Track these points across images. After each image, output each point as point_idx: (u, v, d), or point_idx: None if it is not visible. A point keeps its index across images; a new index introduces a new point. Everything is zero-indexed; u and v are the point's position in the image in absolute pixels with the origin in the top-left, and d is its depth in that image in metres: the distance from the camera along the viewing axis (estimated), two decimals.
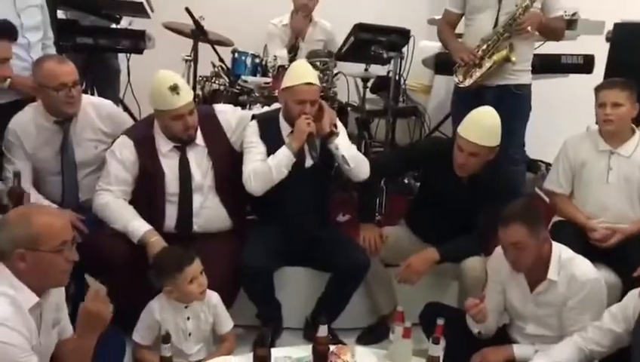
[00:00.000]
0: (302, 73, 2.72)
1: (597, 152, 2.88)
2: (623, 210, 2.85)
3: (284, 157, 2.65)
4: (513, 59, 3.11)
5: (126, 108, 4.33)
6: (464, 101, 3.26)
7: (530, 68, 3.32)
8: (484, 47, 3.16)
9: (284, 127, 2.78)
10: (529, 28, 3.07)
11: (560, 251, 2.34)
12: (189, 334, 2.35)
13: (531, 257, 2.27)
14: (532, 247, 2.25)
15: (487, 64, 3.15)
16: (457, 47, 3.29)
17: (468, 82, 3.22)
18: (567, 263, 2.31)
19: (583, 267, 2.31)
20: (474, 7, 3.22)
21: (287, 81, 2.72)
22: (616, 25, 3.68)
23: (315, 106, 2.70)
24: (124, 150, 2.69)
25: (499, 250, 2.50)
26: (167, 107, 2.60)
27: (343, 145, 2.74)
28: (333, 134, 2.71)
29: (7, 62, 2.37)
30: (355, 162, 2.76)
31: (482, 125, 2.63)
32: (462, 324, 2.50)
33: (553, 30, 3.27)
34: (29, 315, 1.77)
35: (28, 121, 2.75)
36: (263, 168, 2.65)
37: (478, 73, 3.19)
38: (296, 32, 4.21)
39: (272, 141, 2.73)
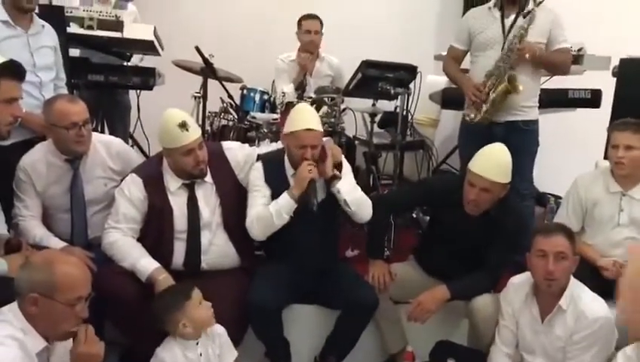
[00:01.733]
0: (303, 118, 2.73)
1: (608, 194, 2.88)
2: None
3: (285, 203, 2.66)
4: (520, 88, 3.11)
5: (136, 143, 4.38)
6: (472, 136, 3.29)
7: (538, 104, 3.33)
8: (489, 82, 3.19)
9: (289, 168, 2.79)
10: (527, 55, 3.09)
11: (574, 284, 2.34)
12: None
13: (568, 273, 2.30)
14: (570, 262, 2.28)
15: (492, 96, 3.18)
16: (466, 83, 3.31)
17: (479, 118, 3.24)
18: (578, 298, 2.31)
19: (594, 305, 2.31)
20: (479, 44, 3.27)
21: (289, 126, 2.73)
22: (622, 60, 3.71)
23: (316, 150, 2.70)
24: (133, 188, 2.70)
25: (513, 280, 2.50)
26: (178, 144, 2.62)
27: (345, 190, 2.73)
28: (335, 178, 2.72)
29: (17, 101, 2.40)
30: (357, 205, 2.75)
31: (495, 161, 2.63)
32: None
33: (554, 63, 3.29)
34: (37, 359, 1.76)
35: (39, 160, 2.78)
36: (265, 214, 2.67)
37: (484, 108, 3.21)
38: (304, 68, 4.25)
39: (276, 182, 2.75)
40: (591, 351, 2.25)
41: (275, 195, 2.71)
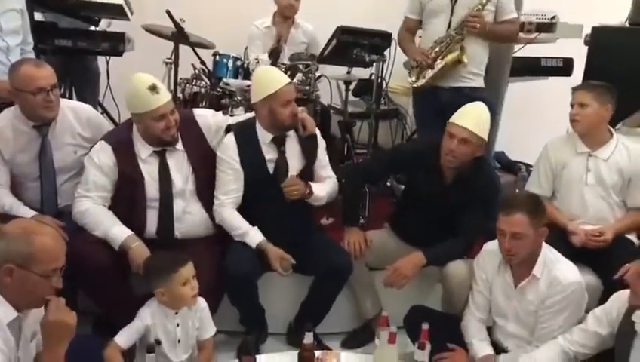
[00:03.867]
0: (276, 76, 2.76)
1: (576, 154, 2.92)
2: (602, 211, 2.88)
3: (248, 240, 2.70)
4: (465, 60, 3.22)
5: (105, 111, 4.28)
6: (421, 102, 3.48)
7: (484, 72, 3.40)
8: (437, 48, 3.28)
9: (264, 136, 2.77)
10: (477, 25, 3.17)
11: (547, 251, 2.37)
12: (178, 341, 2.32)
13: (526, 249, 2.31)
14: (529, 239, 2.29)
15: (439, 65, 3.27)
16: (413, 49, 3.44)
17: (421, 82, 3.35)
18: (552, 265, 2.35)
19: (566, 270, 2.34)
20: (429, 11, 3.34)
21: (266, 88, 2.70)
22: (594, 28, 3.72)
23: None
24: (103, 155, 2.65)
25: (487, 247, 2.53)
26: (148, 108, 2.56)
27: (319, 196, 2.80)
28: (309, 196, 2.76)
29: None
30: (329, 199, 2.87)
31: (476, 114, 2.68)
32: (446, 327, 2.51)
33: (502, 36, 3.39)
34: (8, 329, 1.73)
35: (5, 126, 2.70)
36: (231, 223, 2.72)
37: (430, 74, 3.31)
38: (279, 35, 4.19)
39: (249, 151, 2.74)
40: (563, 315, 2.29)
41: (247, 163, 2.71)
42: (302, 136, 2.78)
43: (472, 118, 2.65)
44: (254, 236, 2.70)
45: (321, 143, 2.91)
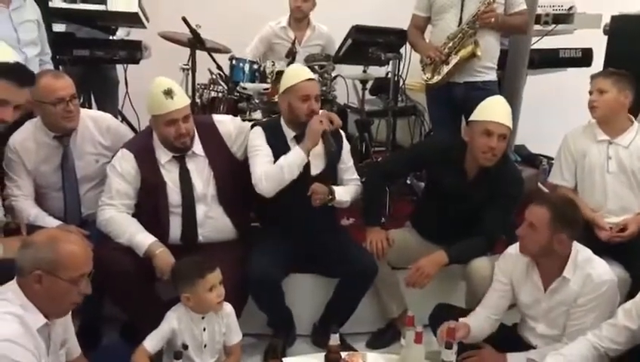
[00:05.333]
0: (300, 72, 2.79)
1: (596, 142, 2.91)
2: (625, 198, 2.86)
3: (296, 157, 2.66)
4: (479, 54, 3.23)
5: (125, 119, 4.32)
6: (436, 98, 3.48)
7: (497, 66, 3.42)
8: (450, 44, 3.29)
9: (288, 132, 2.78)
10: (492, 19, 3.19)
11: (578, 251, 2.33)
12: (205, 346, 2.33)
13: (535, 245, 2.28)
14: (542, 237, 2.25)
15: (454, 60, 3.28)
16: (425, 45, 3.44)
17: (436, 79, 3.36)
18: (584, 264, 2.30)
19: (600, 268, 2.29)
20: (439, 7, 3.35)
21: (287, 81, 2.75)
22: (613, 17, 3.68)
23: (318, 102, 2.75)
24: (125, 163, 2.67)
25: (510, 250, 2.48)
26: (161, 111, 2.58)
27: (342, 200, 2.79)
28: (332, 200, 2.74)
29: (6, 105, 2.25)
30: (353, 200, 2.86)
31: (503, 108, 2.68)
32: None
33: (512, 27, 3.42)
34: (38, 335, 1.77)
35: (27, 138, 2.74)
36: (275, 169, 2.66)
37: (445, 69, 3.31)
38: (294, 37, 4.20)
39: (276, 147, 2.73)
40: (595, 313, 2.25)
41: (275, 159, 2.70)
42: (328, 138, 2.74)
43: (503, 112, 2.65)
44: None
45: (346, 146, 2.91)
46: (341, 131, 2.91)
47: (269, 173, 2.65)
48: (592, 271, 2.27)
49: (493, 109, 2.67)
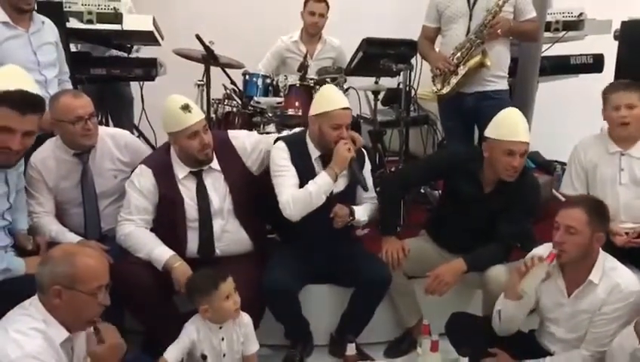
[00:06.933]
0: (336, 97, 2.77)
1: (607, 154, 2.88)
2: (637, 209, 2.84)
3: (324, 183, 2.67)
4: (488, 63, 3.24)
5: (141, 135, 4.40)
6: (447, 109, 3.50)
7: (507, 74, 3.43)
8: (458, 54, 3.30)
9: (313, 152, 2.80)
10: (499, 31, 3.20)
11: (605, 258, 2.32)
12: (224, 355, 2.36)
13: (578, 248, 2.25)
14: (583, 238, 2.24)
15: (463, 71, 3.30)
16: (435, 56, 3.45)
17: (446, 90, 3.37)
18: (611, 272, 2.29)
19: (628, 278, 2.28)
20: (448, 18, 3.37)
21: (321, 106, 2.74)
22: (623, 23, 3.67)
23: (348, 130, 2.76)
24: (143, 179, 2.72)
25: (536, 252, 2.43)
26: (181, 126, 2.63)
27: (361, 220, 2.83)
28: (352, 221, 2.78)
29: (11, 133, 2.23)
30: (370, 218, 2.90)
31: (520, 123, 2.67)
32: (487, 333, 2.49)
33: (524, 32, 3.43)
34: (61, 349, 1.82)
35: (48, 156, 2.80)
36: (304, 195, 2.66)
37: (454, 80, 3.32)
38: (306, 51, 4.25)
39: (300, 164, 2.75)
40: (618, 322, 2.24)
41: (299, 177, 2.72)
42: (354, 164, 2.77)
43: (523, 129, 2.65)
44: None
45: (367, 165, 2.93)
46: (363, 150, 2.93)
47: (296, 198, 2.66)
48: (619, 280, 2.25)
49: (514, 128, 2.64)
